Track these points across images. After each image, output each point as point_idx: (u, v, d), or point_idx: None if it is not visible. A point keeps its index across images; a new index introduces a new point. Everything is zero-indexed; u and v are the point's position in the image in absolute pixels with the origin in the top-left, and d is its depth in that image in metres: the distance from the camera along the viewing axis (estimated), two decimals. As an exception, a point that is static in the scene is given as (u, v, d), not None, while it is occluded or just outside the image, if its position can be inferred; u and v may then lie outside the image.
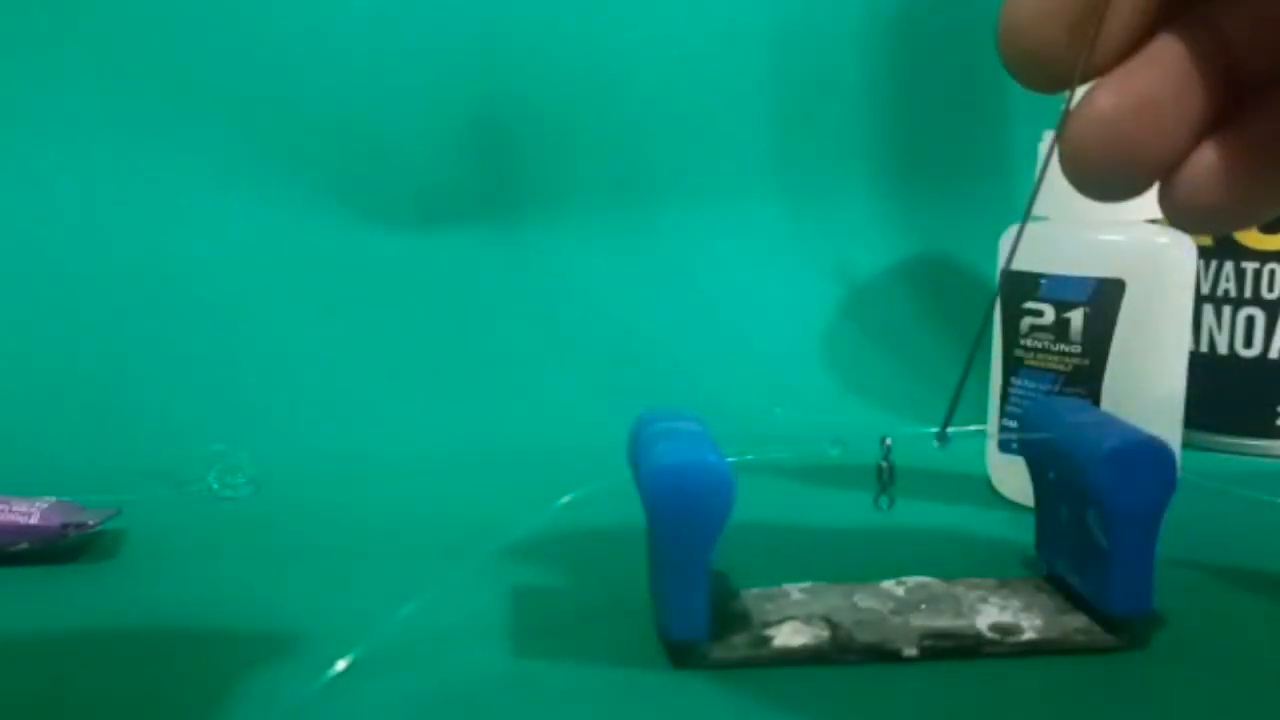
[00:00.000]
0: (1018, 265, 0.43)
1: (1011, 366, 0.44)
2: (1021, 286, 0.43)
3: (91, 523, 0.38)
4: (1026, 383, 0.43)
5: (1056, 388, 0.42)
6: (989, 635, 0.31)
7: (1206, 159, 0.25)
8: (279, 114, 0.63)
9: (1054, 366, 0.42)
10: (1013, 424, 0.43)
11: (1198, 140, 0.25)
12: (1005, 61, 0.25)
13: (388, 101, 0.64)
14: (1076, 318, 0.42)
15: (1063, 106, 0.25)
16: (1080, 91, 0.25)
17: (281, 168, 0.63)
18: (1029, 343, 0.43)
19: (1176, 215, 0.26)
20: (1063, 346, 0.42)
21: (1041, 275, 0.42)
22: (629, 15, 0.67)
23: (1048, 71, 0.25)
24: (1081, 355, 0.42)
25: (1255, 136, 0.25)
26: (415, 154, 0.65)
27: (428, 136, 0.65)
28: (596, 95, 0.67)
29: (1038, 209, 0.44)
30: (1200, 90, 0.25)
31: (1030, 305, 0.43)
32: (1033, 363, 0.43)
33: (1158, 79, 0.25)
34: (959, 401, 0.28)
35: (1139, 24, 0.25)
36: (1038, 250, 0.43)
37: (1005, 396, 0.44)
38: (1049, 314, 0.42)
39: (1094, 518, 0.31)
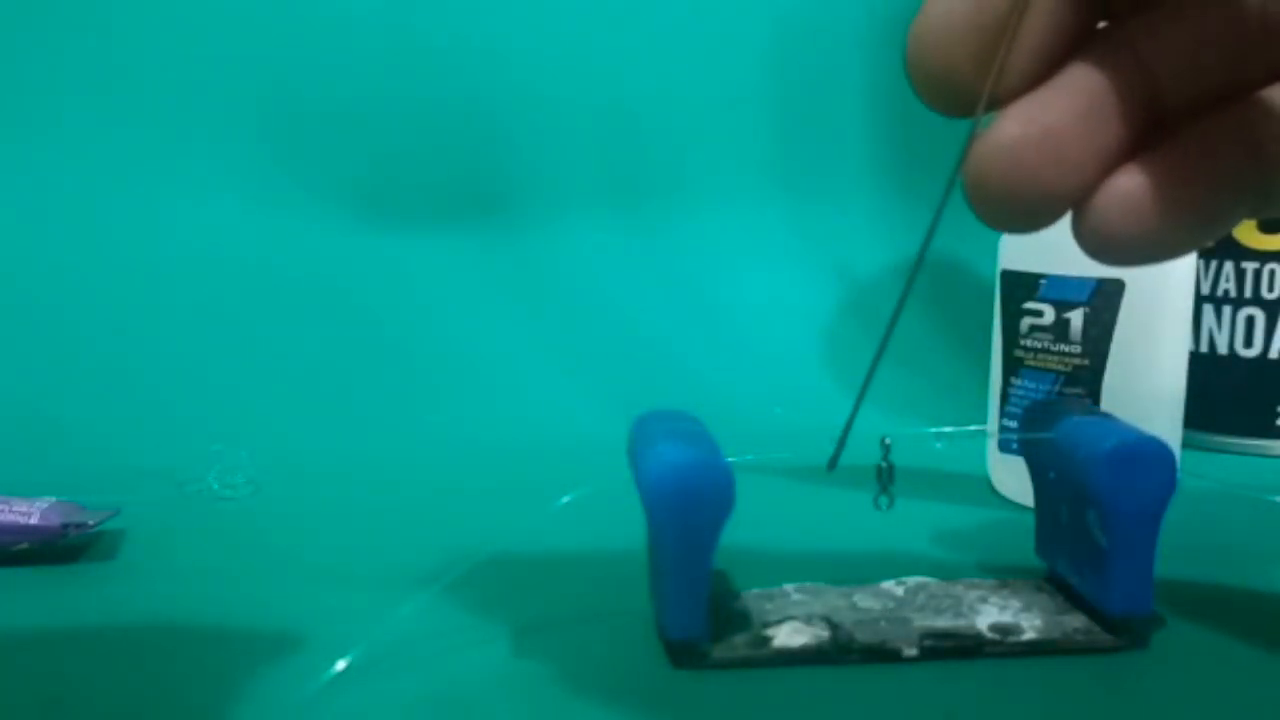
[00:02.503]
0: (1018, 265, 0.43)
1: (1011, 366, 0.44)
2: (1021, 287, 0.43)
3: (91, 523, 0.38)
4: (1026, 383, 0.43)
5: (1056, 388, 0.42)
6: (989, 635, 0.31)
7: (1118, 189, 0.24)
8: (280, 115, 0.63)
9: (1054, 366, 0.42)
10: (1012, 424, 0.43)
11: (1111, 170, 0.24)
12: (912, 83, 0.24)
13: (388, 102, 0.64)
14: (1076, 318, 0.42)
15: (968, 133, 0.24)
16: (988, 118, 0.24)
17: (282, 168, 0.63)
18: (1029, 343, 0.43)
19: (1087, 246, 0.25)
20: (1063, 346, 0.42)
21: (1041, 275, 0.42)
22: (629, 15, 0.67)
23: (953, 96, 0.24)
24: (1081, 355, 0.42)
25: (1169, 167, 0.24)
26: (415, 154, 0.65)
27: (428, 137, 0.65)
28: (597, 96, 0.67)
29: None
30: (1114, 120, 0.24)
31: (1030, 305, 0.43)
32: (1033, 363, 0.43)
33: (1066, 108, 0.24)
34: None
35: (1051, 48, 0.24)
36: (1038, 250, 0.43)
37: (1005, 396, 0.44)
38: (1049, 314, 0.42)
39: (1094, 518, 0.31)
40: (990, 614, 0.32)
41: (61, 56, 0.60)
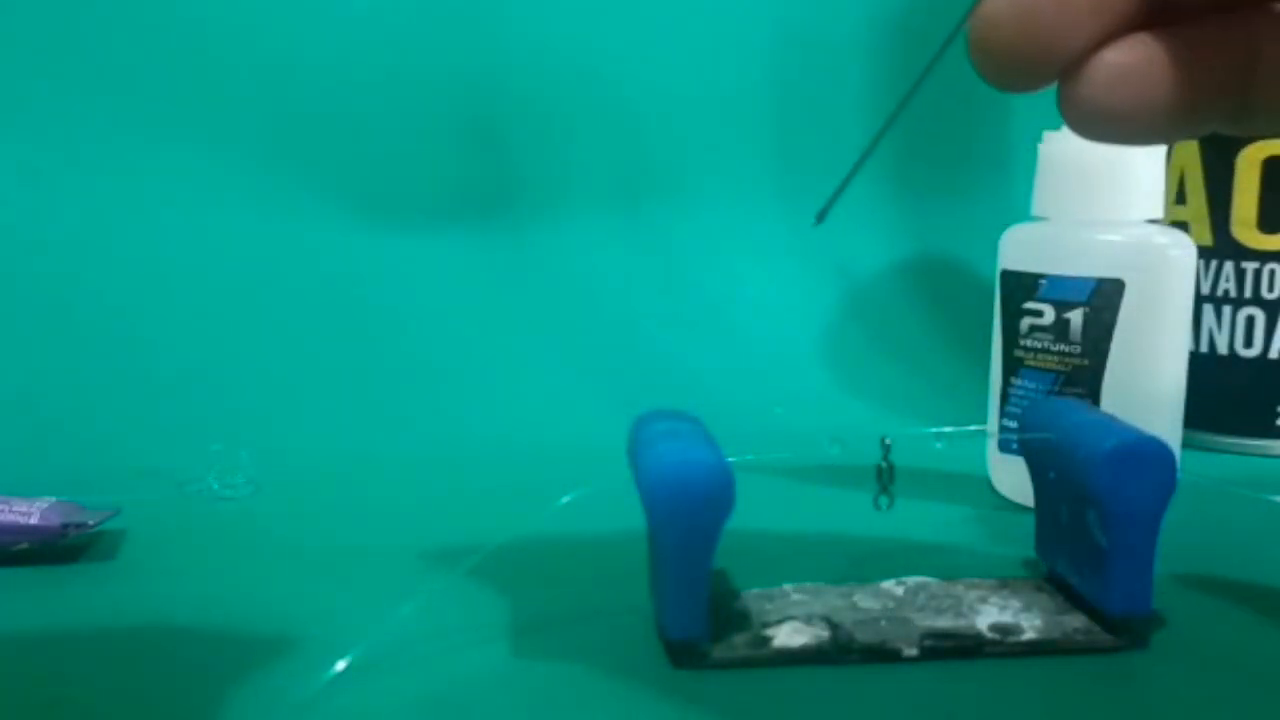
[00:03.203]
0: (1018, 266, 0.43)
1: (1011, 366, 0.44)
2: (1021, 286, 0.43)
3: (91, 523, 0.38)
4: (1027, 383, 0.43)
5: (1056, 388, 0.42)
6: (989, 635, 0.31)
7: (1110, 58, 0.25)
8: (280, 115, 0.63)
9: (1054, 366, 0.42)
10: (1013, 424, 0.43)
11: (1110, 40, 0.25)
12: None
13: (388, 102, 0.64)
14: (1076, 318, 0.42)
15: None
16: None
17: (282, 169, 0.63)
18: (1029, 343, 0.43)
19: (1070, 113, 0.25)
20: (1063, 346, 0.42)
21: (1041, 275, 0.42)
22: (629, 15, 0.67)
23: None
24: (1081, 355, 0.42)
25: (1163, 49, 0.25)
26: (415, 154, 0.65)
27: (428, 137, 0.65)
28: (597, 96, 0.67)
29: (1038, 210, 0.44)
30: None
31: (1030, 305, 0.43)
32: (1033, 363, 0.43)
33: None
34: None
35: None
36: (1038, 250, 0.43)
37: (1005, 396, 0.44)
38: (1049, 314, 0.42)
39: (1094, 518, 0.31)
40: (990, 614, 0.32)
41: (62, 57, 0.60)
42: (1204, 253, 0.53)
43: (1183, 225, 0.53)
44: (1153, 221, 0.43)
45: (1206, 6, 0.25)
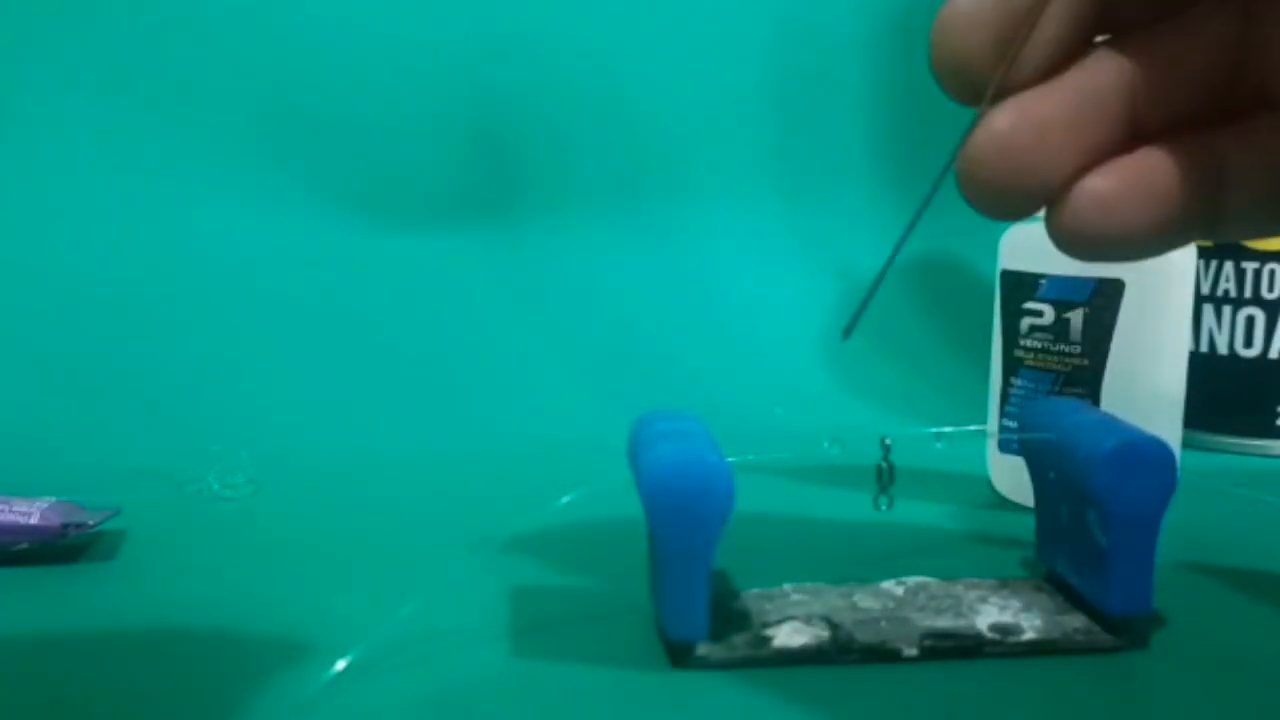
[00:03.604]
0: (1018, 265, 0.43)
1: (1011, 366, 0.44)
2: (1022, 286, 0.43)
3: (91, 523, 0.38)
4: (1026, 383, 0.43)
5: (1056, 388, 0.42)
6: (989, 635, 0.31)
7: (1089, 185, 0.26)
8: (279, 115, 0.63)
9: (1054, 366, 0.42)
10: (1012, 424, 0.43)
11: (1088, 167, 0.26)
12: (933, 68, 0.26)
13: (387, 103, 0.64)
14: (1076, 318, 0.42)
15: (973, 119, 0.26)
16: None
17: (282, 168, 0.63)
18: (1029, 343, 0.43)
19: (1056, 238, 0.26)
20: (1063, 346, 0.42)
21: (1041, 275, 0.42)
22: (629, 16, 0.67)
23: (970, 84, 0.26)
24: (1081, 355, 0.42)
25: (1137, 174, 0.26)
26: (415, 155, 0.65)
27: (427, 137, 0.65)
28: (597, 96, 0.67)
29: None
30: (1099, 121, 0.26)
31: (1030, 305, 0.43)
32: (1033, 363, 0.43)
33: (1057, 104, 0.26)
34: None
35: (1059, 52, 0.26)
36: (1038, 250, 0.43)
37: (1005, 397, 0.44)
38: (1049, 314, 0.42)
39: (1094, 518, 0.31)
40: (990, 614, 0.32)
41: (63, 58, 0.60)
42: (1204, 253, 0.53)
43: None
44: None
45: (1175, 124, 0.27)
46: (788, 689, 0.29)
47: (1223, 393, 0.53)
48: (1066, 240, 0.26)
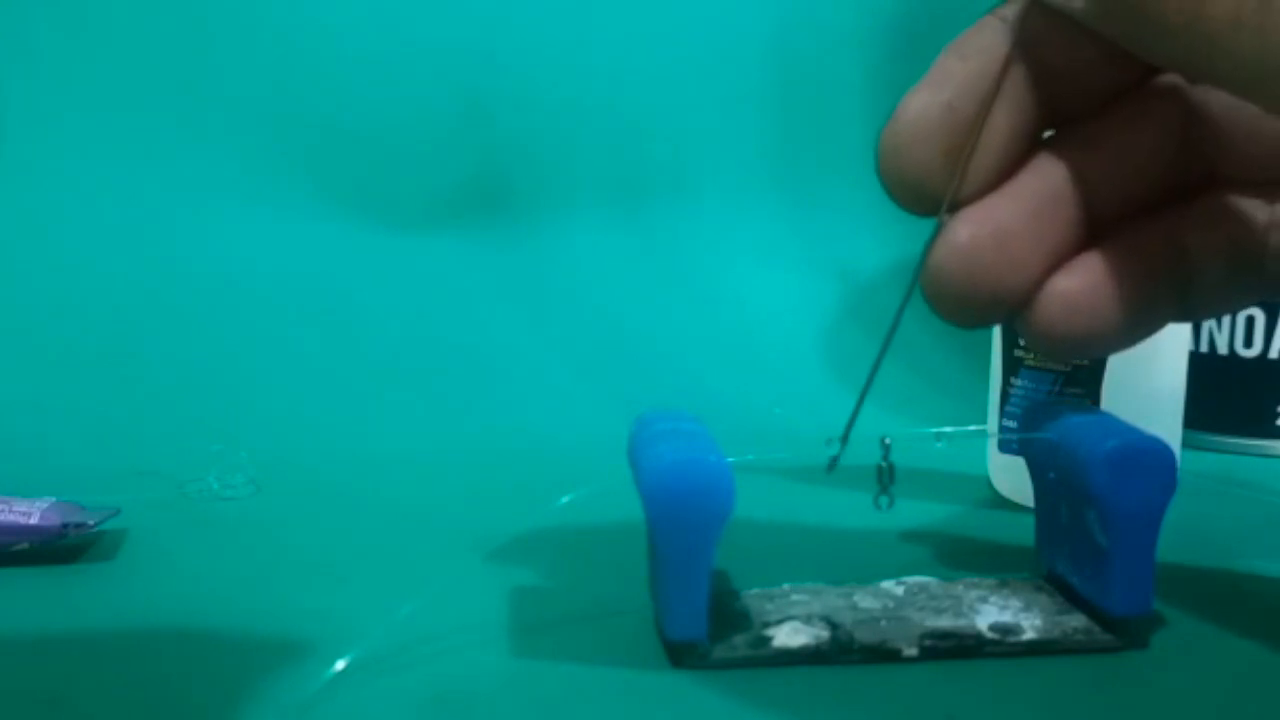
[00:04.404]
0: None
1: (1011, 367, 0.44)
2: None
3: (91, 523, 0.38)
4: (1027, 383, 0.43)
5: (1057, 388, 0.42)
6: (989, 635, 0.31)
7: (1057, 289, 0.26)
8: (280, 116, 0.63)
9: (1054, 366, 0.42)
10: (1012, 424, 0.43)
11: (1054, 269, 0.26)
12: (883, 182, 0.27)
13: (386, 102, 0.64)
14: None
15: (929, 235, 0.26)
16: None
17: (281, 168, 0.63)
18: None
19: (1033, 343, 0.27)
20: None
21: None
22: (628, 15, 0.67)
23: (922, 197, 0.26)
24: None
25: (1104, 269, 0.26)
26: (415, 155, 0.65)
27: (426, 137, 0.65)
28: (597, 97, 0.67)
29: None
30: (1058, 223, 0.26)
31: None
32: (1033, 363, 0.43)
33: (1014, 211, 0.26)
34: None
35: (1006, 158, 0.26)
36: None
37: (1005, 397, 0.44)
38: None
39: (1094, 518, 0.31)
40: (990, 614, 0.32)
41: (62, 58, 0.60)
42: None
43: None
44: None
45: (1126, 216, 0.27)
46: (788, 689, 0.29)
47: (1223, 393, 0.53)
48: (1040, 343, 0.27)
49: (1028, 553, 0.36)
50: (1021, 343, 0.43)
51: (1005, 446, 0.44)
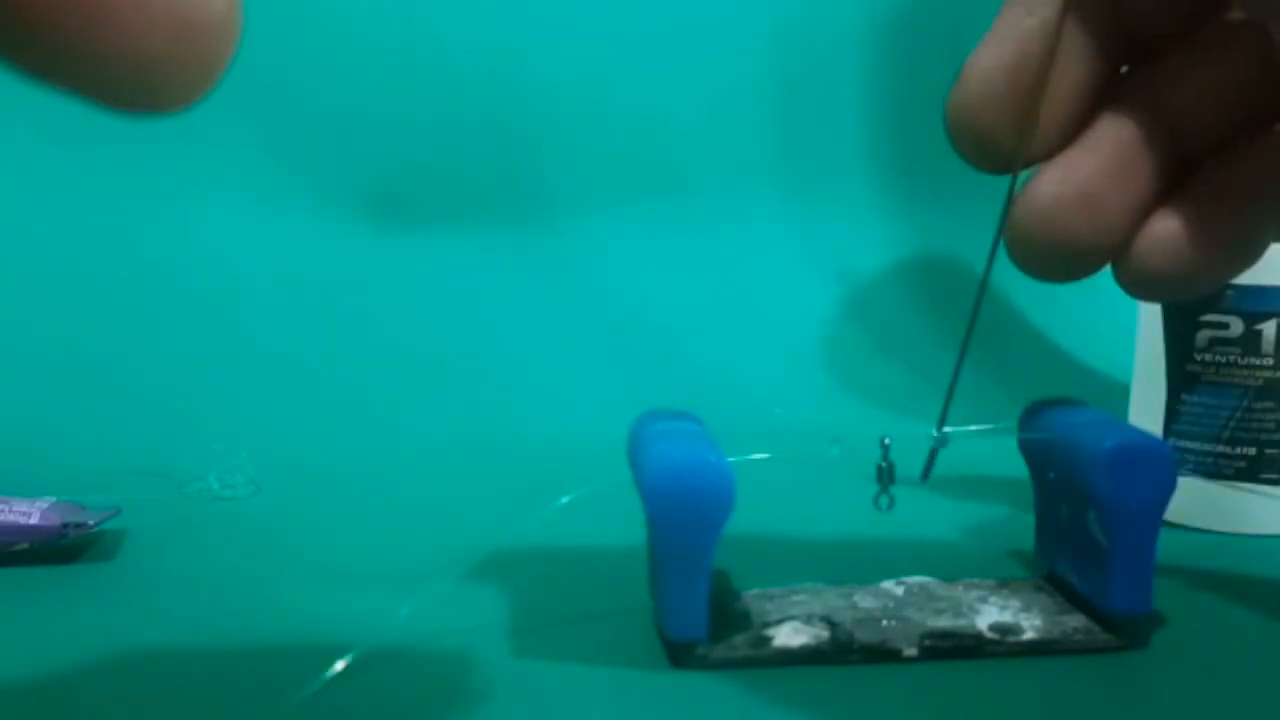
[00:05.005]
0: None
1: (1184, 382, 0.41)
2: (1199, 298, 0.40)
3: (91, 523, 0.38)
4: (1206, 399, 0.40)
5: (1245, 403, 0.40)
6: (989, 635, 0.31)
7: (1155, 235, 0.25)
8: (280, 116, 0.63)
9: (1242, 380, 0.40)
10: (1187, 445, 0.41)
11: (1146, 215, 0.25)
12: (954, 144, 0.26)
13: (393, 103, 0.64)
14: (1269, 329, 0.40)
15: (1006, 194, 0.25)
16: (1026, 175, 0.25)
17: (283, 168, 0.63)
18: (1207, 357, 0.41)
19: (1131, 289, 0.26)
20: (1252, 360, 0.40)
21: (1227, 286, 0.40)
22: (629, 15, 0.67)
23: (993, 155, 0.25)
24: (1275, 368, 0.40)
25: (1201, 204, 0.25)
26: (415, 154, 0.65)
27: (427, 137, 0.65)
28: (597, 97, 0.67)
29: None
30: (1143, 170, 0.25)
31: (1211, 318, 0.40)
32: (1214, 378, 0.40)
33: (1097, 165, 0.25)
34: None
35: (1081, 107, 0.25)
36: None
37: (1174, 414, 0.41)
38: (1236, 326, 0.40)
39: (1094, 518, 0.31)
40: (990, 614, 0.32)
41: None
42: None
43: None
44: None
45: (1221, 145, 0.25)
46: (788, 689, 0.29)
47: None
48: (1144, 290, 0.26)
49: (1028, 553, 0.36)
50: (1199, 356, 0.41)
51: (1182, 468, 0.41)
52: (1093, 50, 0.25)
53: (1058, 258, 0.25)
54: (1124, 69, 0.26)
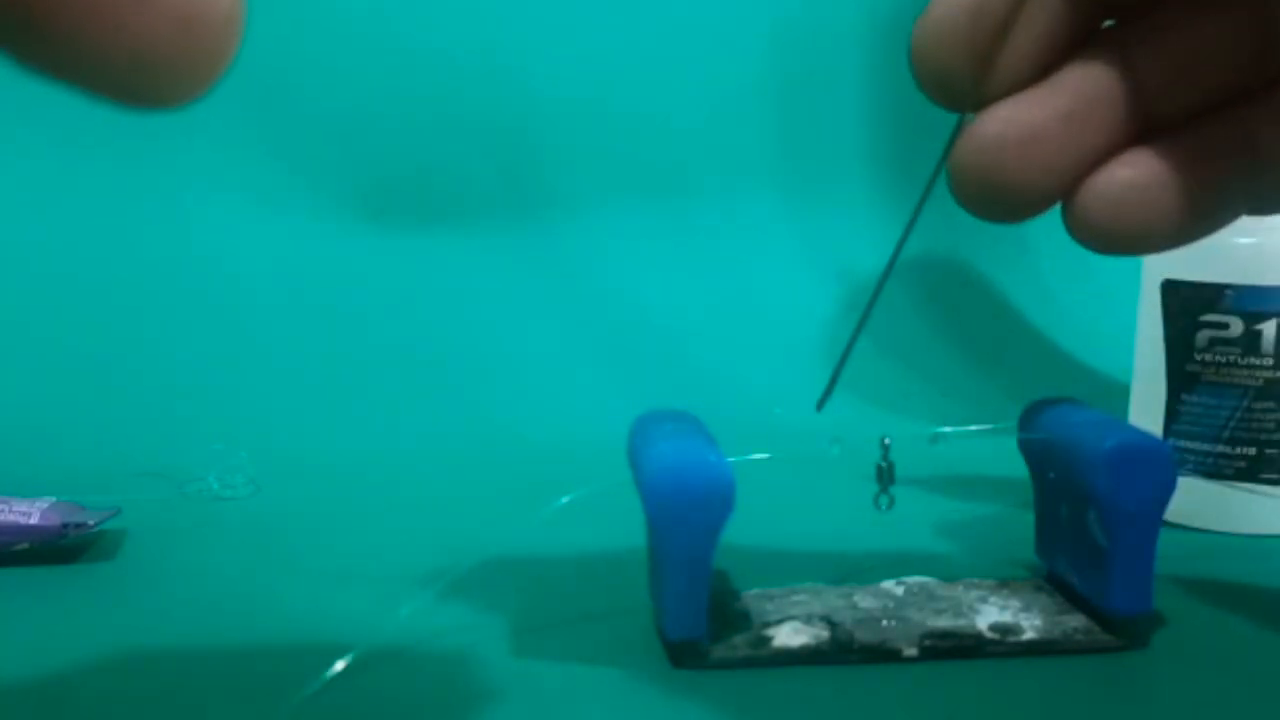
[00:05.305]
0: (1194, 275, 0.40)
1: (1184, 382, 0.41)
2: (1198, 298, 0.40)
3: (91, 523, 0.38)
4: (1207, 399, 0.40)
5: (1245, 403, 0.40)
6: (989, 635, 0.31)
7: (1099, 183, 0.25)
8: (280, 116, 0.63)
9: (1242, 381, 0.40)
10: (1185, 444, 0.41)
11: (1092, 168, 0.25)
12: (916, 80, 0.25)
13: (393, 102, 0.64)
14: (1269, 329, 0.40)
15: (954, 127, 0.25)
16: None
17: (283, 168, 0.63)
18: (1208, 357, 0.40)
19: (1078, 238, 0.25)
20: (1252, 360, 0.40)
21: (1226, 286, 0.40)
22: (629, 14, 0.67)
23: (953, 92, 0.25)
24: (1275, 368, 0.40)
25: (1157, 163, 0.25)
26: (414, 154, 0.65)
27: (427, 136, 0.65)
28: (597, 96, 0.67)
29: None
30: (1101, 121, 0.25)
31: (1211, 318, 0.40)
32: (1213, 378, 0.40)
33: (1049, 109, 0.24)
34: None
35: (1046, 49, 0.25)
36: (1221, 260, 0.40)
37: (1174, 414, 0.41)
38: (1236, 326, 0.40)
39: (1094, 518, 0.31)
40: (990, 614, 0.32)
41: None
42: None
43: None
44: None
45: (1190, 112, 0.25)
46: (788, 689, 0.29)
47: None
48: (1084, 238, 0.25)
49: (1028, 553, 0.36)
50: (1198, 356, 0.41)
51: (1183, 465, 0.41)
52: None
53: (994, 198, 0.25)
54: (1107, 23, 0.26)
